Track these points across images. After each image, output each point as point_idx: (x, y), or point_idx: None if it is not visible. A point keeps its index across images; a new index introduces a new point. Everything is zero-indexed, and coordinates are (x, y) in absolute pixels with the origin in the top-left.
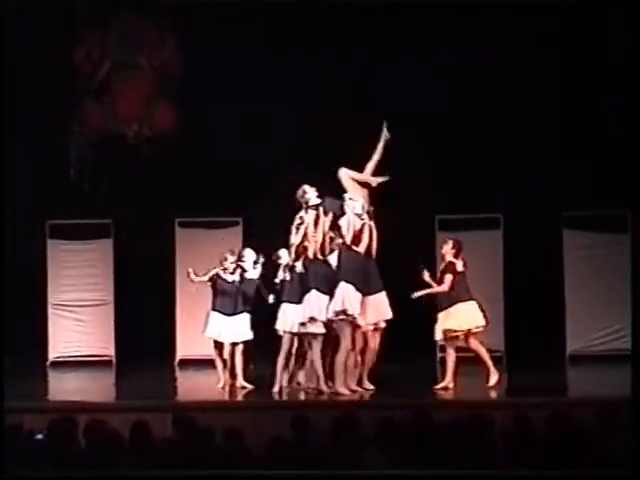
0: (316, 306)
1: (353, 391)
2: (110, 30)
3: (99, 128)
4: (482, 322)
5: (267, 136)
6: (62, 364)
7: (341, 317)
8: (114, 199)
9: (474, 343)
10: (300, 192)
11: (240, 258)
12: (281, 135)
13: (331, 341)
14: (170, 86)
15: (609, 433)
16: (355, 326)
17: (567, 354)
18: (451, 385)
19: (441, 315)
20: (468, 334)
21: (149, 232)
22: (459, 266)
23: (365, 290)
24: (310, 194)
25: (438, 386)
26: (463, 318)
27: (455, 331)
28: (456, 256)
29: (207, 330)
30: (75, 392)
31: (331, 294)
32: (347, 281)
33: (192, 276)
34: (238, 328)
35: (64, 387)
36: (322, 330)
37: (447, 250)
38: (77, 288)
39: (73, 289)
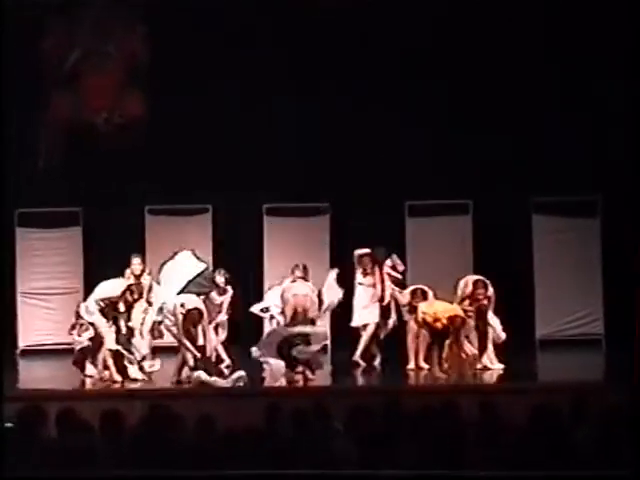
0: None
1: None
2: (79, 18)
3: (68, 116)
4: None
5: (236, 123)
6: (32, 352)
7: None
8: (83, 187)
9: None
10: None
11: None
12: (251, 122)
13: None
14: (139, 74)
15: (579, 418)
16: None
17: (537, 339)
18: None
19: None
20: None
21: (119, 220)
22: None
23: None
24: None
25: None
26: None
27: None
28: None
29: None
30: (45, 380)
31: None
32: None
33: None
34: None
35: (34, 376)
36: None
37: None
38: (46, 276)
39: (42, 277)
